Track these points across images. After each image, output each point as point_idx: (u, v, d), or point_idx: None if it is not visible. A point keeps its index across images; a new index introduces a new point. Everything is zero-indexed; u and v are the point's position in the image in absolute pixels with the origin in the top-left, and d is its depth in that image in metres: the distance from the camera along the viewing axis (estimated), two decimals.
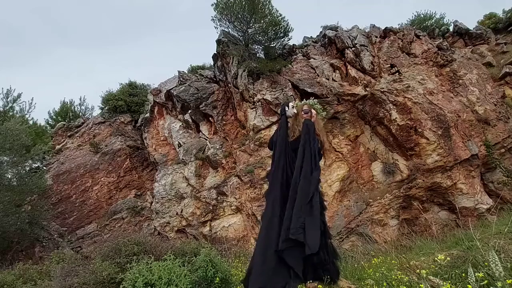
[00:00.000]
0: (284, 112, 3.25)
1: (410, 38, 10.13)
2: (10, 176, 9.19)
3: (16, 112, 10.48)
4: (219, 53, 10.71)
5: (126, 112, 13.01)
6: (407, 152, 8.57)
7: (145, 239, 3.61)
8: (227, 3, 9.71)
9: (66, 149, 12.21)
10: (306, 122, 3.04)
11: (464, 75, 9.70)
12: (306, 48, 10.48)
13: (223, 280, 2.91)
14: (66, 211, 10.73)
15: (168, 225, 9.30)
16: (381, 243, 7.28)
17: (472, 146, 8.48)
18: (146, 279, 2.52)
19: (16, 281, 4.48)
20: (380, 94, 8.78)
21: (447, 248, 3.68)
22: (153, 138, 11.30)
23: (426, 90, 8.90)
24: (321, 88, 9.14)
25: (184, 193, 9.42)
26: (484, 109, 9.12)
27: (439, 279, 2.37)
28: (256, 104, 9.36)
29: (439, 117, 8.49)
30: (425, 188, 8.29)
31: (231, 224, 8.67)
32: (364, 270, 3.39)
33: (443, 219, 8.21)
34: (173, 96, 10.71)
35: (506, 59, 10.44)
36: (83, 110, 15.45)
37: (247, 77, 9.59)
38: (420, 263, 3.03)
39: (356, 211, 8.30)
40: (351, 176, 8.75)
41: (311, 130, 2.98)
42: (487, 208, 7.90)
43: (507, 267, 2.14)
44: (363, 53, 9.40)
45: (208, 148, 9.73)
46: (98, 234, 9.96)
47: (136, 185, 11.61)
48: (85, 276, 3.08)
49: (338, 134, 9.14)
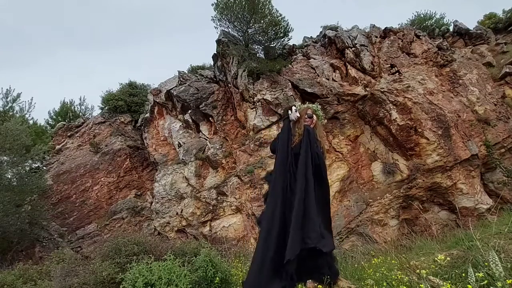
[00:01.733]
0: (287, 115, 3.17)
1: (410, 38, 10.13)
2: (10, 176, 9.19)
3: (16, 112, 10.48)
4: (219, 53, 10.71)
5: (126, 112, 13.01)
6: (407, 152, 8.57)
7: (145, 239, 3.61)
8: (227, 3, 9.71)
9: (66, 149, 12.21)
10: (307, 128, 2.99)
11: (464, 75, 9.70)
12: (306, 48, 10.48)
13: (223, 280, 2.91)
14: (66, 211, 10.73)
15: (168, 225, 9.30)
16: (381, 243, 7.28)
17: (472, 146, 8.48)
18: (146, 279, 2.52)
19: (16, 281, 4.48)
20: (380, 94, 8.78)
21: (447, 248, 3.67)
22: (153, 138, 11.30)
23: (426, 90, 8.90)
24: (321, 88, 9.14)
25: (184, 193, 9.42)
26: (484, 109, 9.12)
27: (439, 279, 2.37)
28: (256, 104, 9.36)
29: (439, 117, 8.49)
30: (425, 188, 8.29)
31: (231, 224, 8.67)
32: (364, 270, 3.38)
33: (443, 219, 8.21)
34: (173, 96, 10.71)
35: (506, 59, 10.44)
36: (83, 110, 15.47)
37: (247, 77, 9.59)
38: (420, 263, 3.03)
39: (356, 211, 8.30)
40: (351, 176, 8.75)
41: (312, 136, 2.95)
42: (487, 208, 7.90)
43: (507, 267, 2.14)
44: (363, 53, 9.40)
45: (208, 148, 9.73)
46: (98, 234, 9.96)
47: (136, 185, 11.61)
48: (85, 276, 3.08)
49: (338, 134, 9.13)
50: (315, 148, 2.92)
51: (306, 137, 2.92)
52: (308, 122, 3.07)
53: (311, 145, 2.89)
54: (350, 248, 7.30)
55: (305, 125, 3.03)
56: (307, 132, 2.95)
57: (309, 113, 3.12)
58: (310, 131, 2.98)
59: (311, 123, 3.09)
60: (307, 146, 2.88)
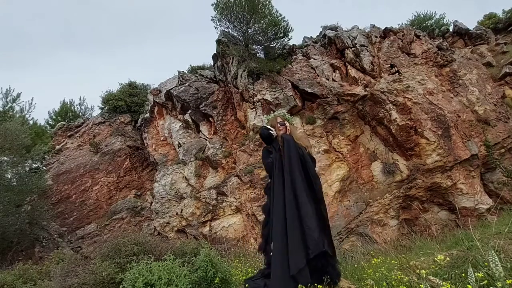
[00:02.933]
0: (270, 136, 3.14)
1: (410, 38, 10.13)
2: (10, 176, 9.19)
3: (16, 112, 10.48)
4: (219, 53, 10.71)
5: (126, 112, 13.01)
6: (407, 152, 8.57)
7: (145, 239, 3.61)
8: (227, 3, 9.71)
9: (66, 149, 12.21)
10: (285, 137, 3.03)
11: (464, 75, 9.70)
12: (306, 48, 10.48)
13: (223, 280, 2.90)
14: (66, 211, 10.73)
15: (168, 225, 9.29)
16: (381, 243, 7.28)
17: (472, 146, 8.48)
18: (146, 279, 2.52)
19: (16, 281, 4.47)
20: (380, 94, 8.78)
21: (447, 248, 3.67)
22: (153, 138, 11.30)
23: (426, 90, 8.90)
24: (321, 88, 9.14)
25: (184, 193, 9.42)
26: (484, 109, 9.12)
27: (439, 279, 2.37)
28: (256, 104, 9.36)
29: (439, 117, 8.49)
30: (425, 188, 8.29)
31: (231, 224, 8.67)
32: (364, 270, 3.38)
33: (443, 219, 8.21)
34: (173, 96, 10.71)
35: (506, 59, 10.44)
36: (83, 110, 15.49)
37: (247, 77, 9.59)
38: (420, 263, 3.03)
39: (356, 211, 8.30)
40: (351, 176, 8.75)
41: (291, 142, 2.99)
42: (487, 208, 7.89)
43: (507, 267, 2.14)
44: (363, 53, 9.40)
45: (208, 148, 9.73)
46: (98, 234, 9.96)
47: (136, 185, 11.61)
48: (85, 276, 3.08)
49: (338, 134, 9.13)
50: (298, 150, 2.97)
51: (286, 145, 2.97)
52: (282, 130, 3.14)
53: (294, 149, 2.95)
54: (350, 248, 7.30)
55: (282, 135, 3.07)
56: (285, 141, 3.00)
57: (280, 121, 3.20)
58: (288, 138, 3.03)
59: (285, 130, 3.16)
60: (288, 151, 2.93)
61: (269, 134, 3.11)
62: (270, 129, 3.12)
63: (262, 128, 3.22)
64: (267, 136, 3.12)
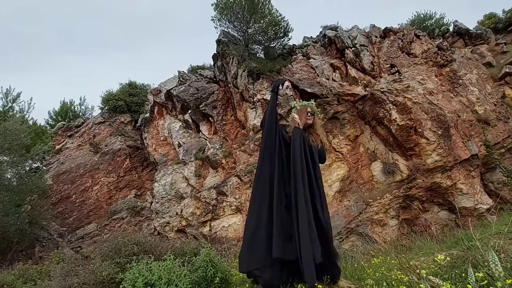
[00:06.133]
0: (277, 89, 3.12)
1: (410, 38, 10.12)
2: (10, 176, 9.19)
3: (16, 112, 10.48)
4: (219, 53, 10.70)
5: (126, 112, 12.99)
6: (407, 152, 8.57)
7: (145, 239, 3.61)
8: (227, 3, 9.70)
9: (66, 149, 12.20)
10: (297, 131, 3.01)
11: (464, 75, 9.70)
12: (306, 48, 10.47)
13: (223, 280, 2.91)
14: (66, 211, 10.72)
15: (168, 225, 9.29)
16: (381, 243, 7.28)
17: (472, 146, 8.48)
18: (146, 279, 2.52)
19: (16, 281, 4.47)
20: (380, 94, 8.78)
21: (447, 248, 3.67)
22: (153, 138, 11.29)
23: (426, 90, 8.89)
24: (321, 88, 9.14)
25: (184, 193, 9.42)
26: (484, 109, 9.12)
27: (439, 279, 2.37)
28: (256, 104, 9.35)
29: (439, 117, 8.49)
30: (425, 188, 8.29)
31: (231, 224, 8.67)
32: (364, 270, 3.38)
33: (443, 219, 8.21)
34: (173, 96, 10.71)
35: (506, 59, 10.44)
36: (83, 110, 15.48)
37: (247, 77, 9.59)
38: (420, 263, 3.03)
39: (356, 211, 8.30)
40: (351, 176, 8.75)
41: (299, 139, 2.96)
42: (487, 208, 7.90)
43: (507, 267, 2.14)
44: (363, 53, 9.39)
45: (208, 148, 9.73)
46: (98, 234, 9.96)
47: (136, 185, 11.60)
48: (85, 276, 3.08)
49: (338, 134, 9.13)
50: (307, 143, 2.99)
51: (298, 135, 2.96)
52: (310, 120, 3.19)
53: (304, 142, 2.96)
54: (350, 248, 7.30)
55: (295, 127, 3.06)
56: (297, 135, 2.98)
57: (309, 110, 3.23)
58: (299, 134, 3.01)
59: (312, 121, 3.21)
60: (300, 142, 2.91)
61: (277, 87, 3.12)
62: (282, 87, 3.18)
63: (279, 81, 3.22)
64: (275, 87, 3.11)
